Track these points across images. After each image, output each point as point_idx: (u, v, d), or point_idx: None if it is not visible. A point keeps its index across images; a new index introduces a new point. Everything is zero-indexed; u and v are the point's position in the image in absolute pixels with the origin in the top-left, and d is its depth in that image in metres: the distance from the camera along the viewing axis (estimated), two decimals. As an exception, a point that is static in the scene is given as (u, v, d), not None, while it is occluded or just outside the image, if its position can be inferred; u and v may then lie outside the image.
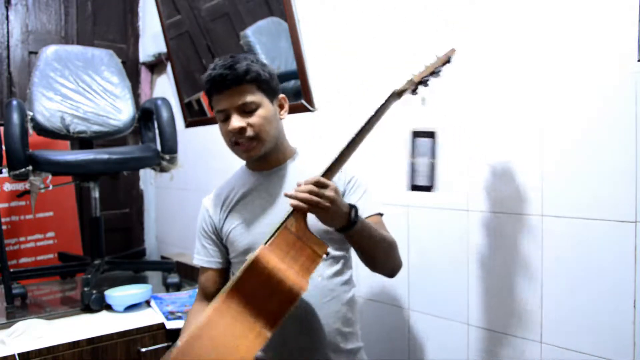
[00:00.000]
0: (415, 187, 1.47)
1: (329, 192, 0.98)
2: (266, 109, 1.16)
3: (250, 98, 1.13)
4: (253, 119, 1.14)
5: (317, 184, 0.98)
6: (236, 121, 1.13)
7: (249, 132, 1.14)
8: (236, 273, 0.98)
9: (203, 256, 1.28)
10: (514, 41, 1.22)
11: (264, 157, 1.21)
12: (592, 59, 1.09)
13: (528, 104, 1.20)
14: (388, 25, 1.49)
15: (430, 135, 1.45)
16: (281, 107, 1.23)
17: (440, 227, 1.39)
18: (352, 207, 1.03)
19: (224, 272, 1.30)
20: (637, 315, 1.03)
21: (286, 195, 1.00)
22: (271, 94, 1.18)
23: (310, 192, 0.97)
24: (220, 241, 1.27)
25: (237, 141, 1.16)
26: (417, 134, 1.46)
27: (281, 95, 1.23)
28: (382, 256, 1.15)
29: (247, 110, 1.14)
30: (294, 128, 1.32)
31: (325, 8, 1.67)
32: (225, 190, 1.28)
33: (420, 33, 1.42)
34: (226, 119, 1.16)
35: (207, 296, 1.29)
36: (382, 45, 1.52)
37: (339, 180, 1.20)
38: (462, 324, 1.35)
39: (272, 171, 1.24)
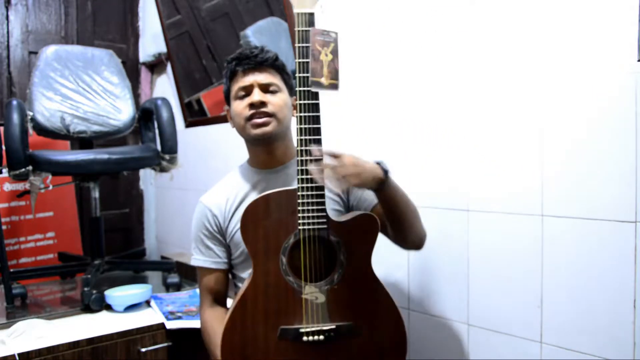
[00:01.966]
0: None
1: (347, 159, 1.01)
2: (286, 96, 1.21)
3: (275, 81, 1.20)
4: (274, 99, 1.18)
5: (332, 156, 1.01)
6: (258, 95, 1.17)
7: (269, 107, 1.17)
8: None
9: (209, 257, 1.25)
10: (514, 41, 1.22)
11: (271, 148, 1.21)
12: (592, 59, 1.09)
13: (528, 104, 1.20)
14: (388, 25, 1.49)
15: (333, 37, 1.46)
16: (293, 107, 1.26)
17: (440, 227, 1.39)
18: (377, 162, 1.09)
19: (228, 273, 1.29)
20: (637, 315, 1.03)
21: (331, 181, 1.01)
22: (289, 89, 1.24)
23: (334, 170, 1.00)
24: (224, 241, 1.25)
25: (253, 115, 1.17)
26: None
27: (294, 97, 1.25)
28: (413, 217, 1.18)
29: (269, 90, 1.19)
30: (294, 128, 1.32)
31: (325, 8, 1.67)
32: (226, 189, 1.26)
33: (420, 33, 1.42)
34: (246, 96, 1.19)
35: (218, 299, 1.28)
36: (382, 45, 1.52)
37: None
38: (462, 324, 1.35)
39: (276, 169, 1.24)
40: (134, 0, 2.76)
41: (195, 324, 1.53)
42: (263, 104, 1.16)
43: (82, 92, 2.03)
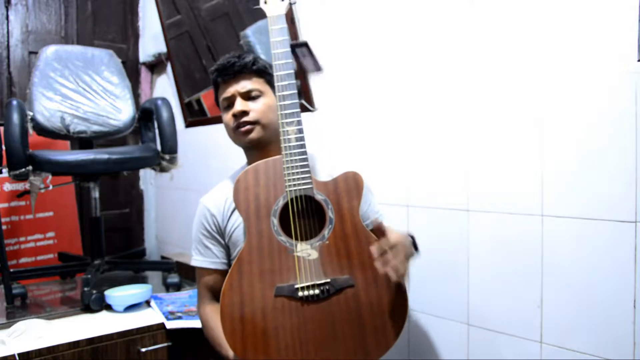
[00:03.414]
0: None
1: (401, 249, 1.03)
2: (270, 99, 1.21)
3: (255, 86, 1.21)
4: (256, 105, 1.20)
5: (391, 247, 1.02)
6: (240, 104, 1.19)
7: (251, 115, 1.19)
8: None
9: (208, 257, 1.26)
10: (514, 41, 1.22)
11: (264, 148, 1.21)
12: (592, 59, 1.09)
13: (528, 104, 1.20)
14: (388, 25, 1.49)
15: (305, 44, 1.60)
16: None
17: (440, 227, 1.39)
18: (411, 237, 1.15)
19: (226, 274, 1.29)
20: (637, 315, 1.03)
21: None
22: (275, 89, 1.22)
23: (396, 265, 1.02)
24: (223, 241, 1.26)
25: (237, 125, 1.19)
26: (293, 47, 1.59)
27: None
28: None
29: (251, 97, 1.20)
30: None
31: (325, 8, 1.67)
32: (225, 189, 1.27)
33: (419, 32, 1.42)
34: (230, 106, 1.21)
35: (216, 297, 1.27)
36: (382, 45, 1.52)
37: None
38: (462, 324, 1.35)
39: None
40: (134, 0, 2.76)
41: (195, 324, 1.53)
42: (244, 113, 1.18)
43: (82, 92, 2.03)
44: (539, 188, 1.18)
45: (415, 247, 1.20)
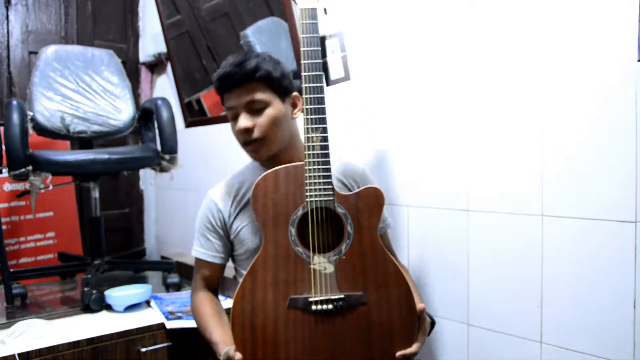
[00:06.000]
0: (332, 82, 1.51)
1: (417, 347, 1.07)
2: (275, 108, 1.16)
3: (258, 96, 1.14)
4: (261, 119, 1.14)
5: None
6: (243, 121, 1.14)
7: (256, 133, 1.15)
8: None
9: (208, 250, 1.26)
10: (514, 41, 1.22)
11: (275, 157, 1.20)
12: (592, 59, 1.09)
13: (528, 104, 1.20)
14: (387, 25, 1.50)
15: (339, 35, 1.52)
16: (294, 105, 1.22)
17: (440, 227, 1.39)
18: (431, 323, 1.15)
19: (223, 268, 1.29)
20: (637, 315, 1.03)
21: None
22: (282, 93, 1.18)
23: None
24: (227, 237, 1.25)
25: (244, 142, 1.17)
26: (324, 39, 1.50)
27: (294, 94, 1.21)
28: None
29: (255, 109, 1.15)
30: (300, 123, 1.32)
31: (327, 8, 1.67)
32: (235, 185, 1.26)
33: (419, 33, 1.42)
34: (235, 117, 1.17)
35: (210, 287, 1.29)
36: (381, 45, 1.52)
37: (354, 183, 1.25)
38: (462, 324, 1.35)
39: None
40: (134, 0, 2.77)
41: (195, 324, 1.53)
42: (249, 130, 1.15)
43: (82, 92, 2.03)
44: (539, 188, 1.18)
45: (432, 324, 1.20)
